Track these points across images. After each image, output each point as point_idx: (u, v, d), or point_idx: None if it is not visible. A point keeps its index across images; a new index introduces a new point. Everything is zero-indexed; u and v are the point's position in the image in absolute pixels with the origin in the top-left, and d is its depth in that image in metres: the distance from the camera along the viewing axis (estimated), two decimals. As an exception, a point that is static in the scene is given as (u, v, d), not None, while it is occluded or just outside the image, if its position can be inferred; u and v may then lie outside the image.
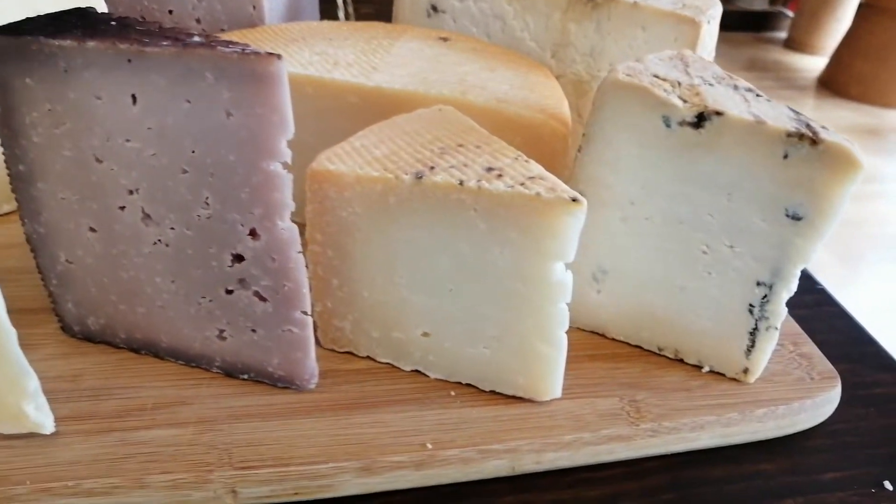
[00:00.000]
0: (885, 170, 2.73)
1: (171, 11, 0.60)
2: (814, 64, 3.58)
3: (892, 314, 1.95)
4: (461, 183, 0.38)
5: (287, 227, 0.38)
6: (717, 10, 0.56)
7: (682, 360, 0.48)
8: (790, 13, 3.84)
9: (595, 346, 0.50)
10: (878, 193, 2.58)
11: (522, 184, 0.38)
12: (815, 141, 0.38)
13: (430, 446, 0.41)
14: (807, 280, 0.63)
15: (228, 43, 0.34)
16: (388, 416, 0.43)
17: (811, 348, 0.51)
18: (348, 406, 0.43)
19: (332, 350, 0.47)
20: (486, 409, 0.44)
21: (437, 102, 0.49)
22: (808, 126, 0.39)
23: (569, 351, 0.48)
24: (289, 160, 0.36)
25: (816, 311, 0.60)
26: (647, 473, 0.44)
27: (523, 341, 0.42)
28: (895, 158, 2.79)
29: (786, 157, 0.39)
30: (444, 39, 0.59)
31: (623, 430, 0.43)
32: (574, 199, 0.37)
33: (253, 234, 0.38)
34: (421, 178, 0.39)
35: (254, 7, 0.61)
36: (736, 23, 3.89)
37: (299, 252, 0.39)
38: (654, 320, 0.48)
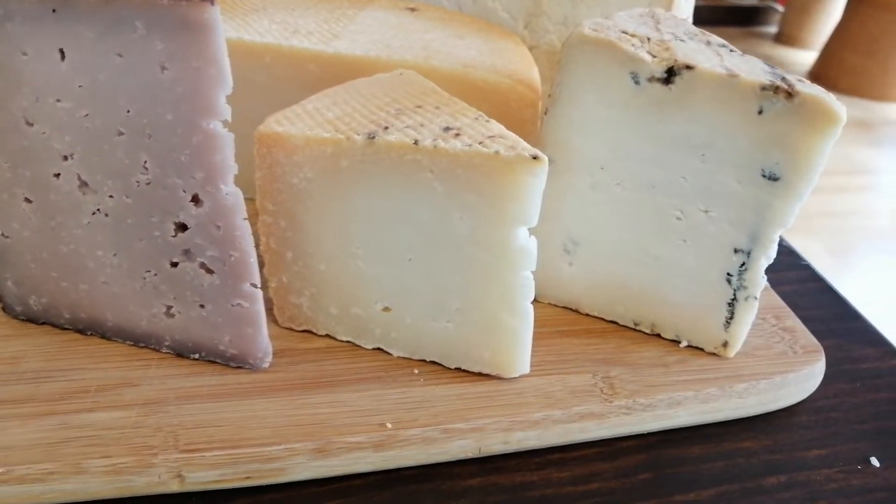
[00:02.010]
0: (876, 162, 2.72)
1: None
2: (804, 58, 3.57)
3: (882, 306, 1.93)
4: (416, 142, 0.36)
5: (231, 192, 0.35)
6: (693, -26, 0.54)
7: (658, 335, 0.46)
8: (780, 7, 3.83)
9: (568, 321, 0.47)
10: (869, 185, 2.57)
11: (481, 143, 0.36)
12: (790, 94, 0.36)
13: (389, 426, 0.38)
14: (791, 256, 0.61)
15: (159, -10, 0.31)
16: (347, 395, 0.40)
17: (794, 322, 0.48)
18: (305, 385, 0.41)
19: (290, 329, 0.44)
20: (451, 386, 0.42)
21: (400, 68, 0.46)
22: (783, 79, 0.37)
23: (541, 327, 0.46)
24: (228, 118, 0.34)
25: (801, 286, 0.58)
26: (622, 453, 0.42)
27: (487, 313, 0.40)
28: (885, 151, 2.78)
29: (760, 112, 0.37)
30: (412, 10, 0.57)
31: (595, 408, 0.41)
32: (535, 157, 0.34)
33: (196, 200, 0.36)
34: (374, 138, 0.36)
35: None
36: (726, 18, 3.88)
37: (245, 219, 0.36)
38: (628, 293, 0.45)
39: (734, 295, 0.43)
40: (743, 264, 0.41)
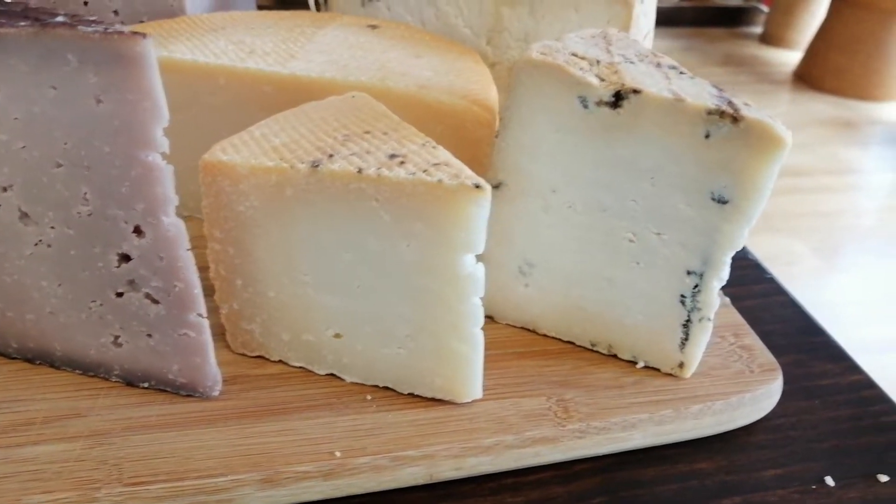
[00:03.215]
0: (861, 162, 2.73)
1: (86, 3, 0.57)
2: (789, 58, 3.58)
3: (867, 306, 1.95)
4: (360, 171, 0.36)
5: (173, 223, 0.35)
6: (652, -10, 0.54)
7: (615, 356, 0.46)
8: (765, 8, 3.85)
9: (525, 342, 0.47)
10: (854, 185, 2.58)
11: (425, 170, 0.35)
12: (736, 118, 0.36)
13: (338, 454, 0.38)
14: (756, 269, 0.62)
15: (92, 22, 0.31)
16: (297, 423, 0.40)
17: (753, 340, 0.48)
18: (255, 414, 0.40)
19: (243, 354, 0.44)
20: (404, 413, 0.41)
21: (355, 89, 0.46)
22: (729, 103, 0.36)
23: (497, 348, 0.46)
24: (167, 150, 0.33)
25: (765, 300, 0.58)
26: (577, 476, 0.42)
27: (438, 340, 0.39)
28: (870, 150, 2.80)
29: (707, 136, 0.37)
30: (373, 27, 0.57)
31: (548, 432, 0.41)
32: (477, 186, 0.34)
33: (137, 231, 0.35)
34: (317, 166, 0.36)
35: (173, -3, 0.58)
36: (711, 18, 3.90)
37: (188, 250, 0.36)
38: (584, 315, 0.45)
39: (688, 316, 0.42)
40: (696, 286, 0.41)
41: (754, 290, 0.59)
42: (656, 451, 0.44)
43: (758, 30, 3.89)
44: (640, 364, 0.45)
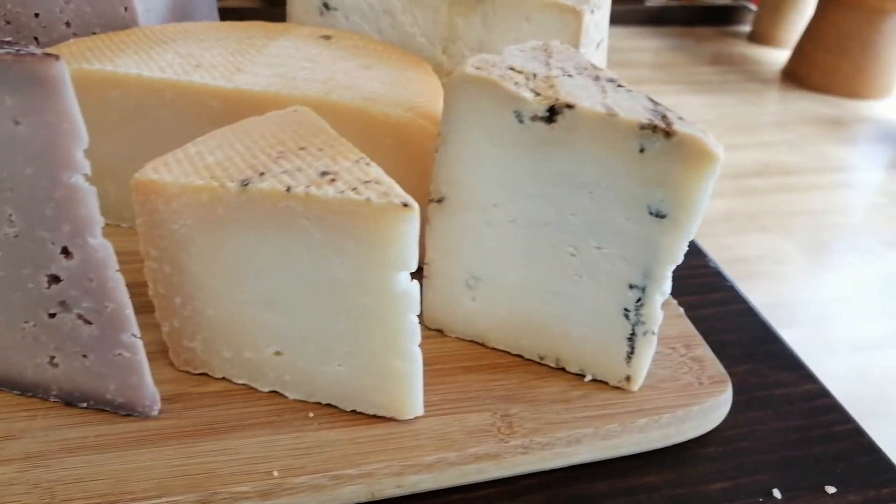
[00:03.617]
0: (849, 160, 2.74)
1: (37, 15, 0.57)
2: (777, 57, 3.59)
3: (856, 304, 1.95)
4: (288, 189, 0.35)
5: (101, 245, 0.35)
6: None
7: (564, 369, 0.46)
8: (753, 7, 3.85)
9: (474, 356, 0.47)
10: (842, 183, 2.59)
11: (355, 188, 0.35)
12: (668, 133, 0.35)
13: (276, 474, 0.38)
14: (716, 277, 0.61)
15: (4, 43, 0.31)
16: (237, 442, 0.40)
17: (704, 351, 0.48)
18: (194, 433, 0.40)
19: (187, 372, 0.44)
20: (346, 430, 0.41)
21: (300, 103, 0.46)
22: (663, 117, 0.36)
23: (445, 363, 0.46)
24: (88, 172, 0.33)
25: (724, 308, 0.58)
26: (523, 492, 0.42)
27: (376, 357, 0.39)
28: (857, 148, 2.80)
29: (642, 150, 0.36)
30: (327, 38, 0.56)
31: (491, 448, 0.40)
32: (405, 204, 0.34)
33: (66, 252, 0.35)
34: (247, 185, 0.36)
35: (125, 9, 0.57)
36: (700, 17, 3.90)
37: (117, 271, 0.36)
38: (532, 328, 0.45)
39: (633, 330, 0.42)
40: (639, 300, 0.41)
41: (713, 298, 0.58)
42: (606, 464, 0.43)
43: (746, 28, 3.89)
44: (588, 377, 0.45)
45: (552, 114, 0.37)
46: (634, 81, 3.31)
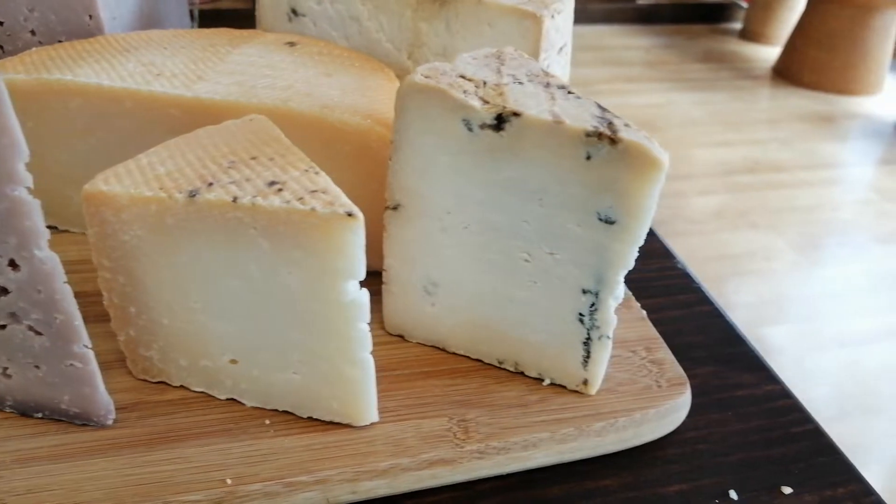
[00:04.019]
0: (839, 156, 2.74)
1: (1, 23, 0.57)
2: (768, 53, 3.59)
3: (846, 299, 1.96)
4: (235, 200, 0.35)
5: (47, 257, 0.35)
6: (565, 4, 0.54)
7: (523, 374, 0.46)
8: (744, 4, 3.85)
9: (434, 361, 0.47)
10: (832, 179, 2.59)
11: (301, 198, 0.35)
12: (613, 140, 0.36)
13: (229, 482, 0.38)
14: (684, 279, 0.62)
15: (-56, 59, 0.31)
16: (192, 450, 0.40)
17: (664, 354, 0.48)
18: (149, 442, 0.40)
19: (145, 380, 0.44)
20: (301, 437, 0.41)
21: (258, 111, 0.46)
22: (609, 124, 0.36)
23: (405, 368, 0.46)
24: (31, 185, 0.33)
25: (689, 310, 0.58)
26: (479, 497, 0.42)
27: (329, 365, 0.39)
28: (847, 144, 2.81)
29: (588, 158, 0.37)
30: (291, 45, 0.56)
31: (446, 454, 0.41)
32: (350, 214, 0.34)
33: (12, 265, 0.35)
34: (194, 196, 0.36)
35: (90, 17, 0.57)
36: (691, 15, 3.90)
37: (65, 282, 0.36)
38: (490, 333, 0.45)
39: (588, 334, 0.42)
40: (593, 304, 0.41)
41: (679, 300, 0.59)
42: (563, 468, 0.44)
43: (737, 26, 3.90)
44: (546, 382, 0.45)
45: (500, 122, 0.37)
46: (625, 80, 3.32)
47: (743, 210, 2.39)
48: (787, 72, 3.26)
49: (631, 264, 0.39)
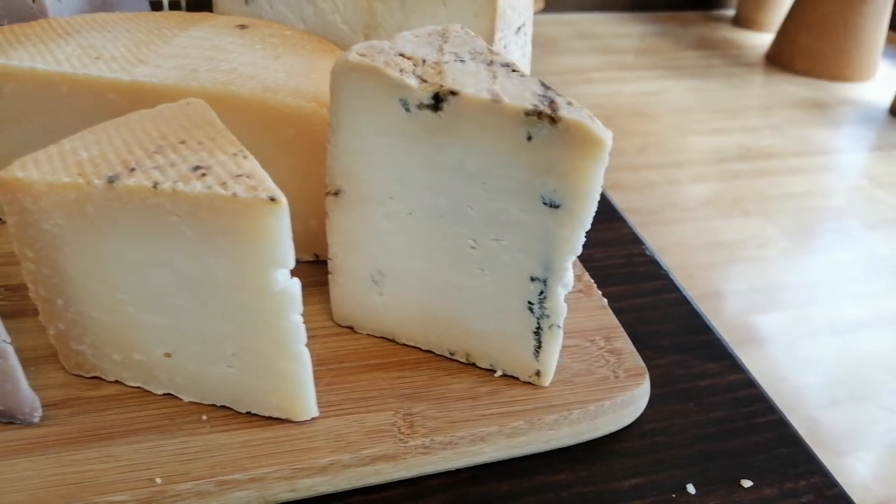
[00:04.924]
0: (830, 143, 2.72)
1: (-58, 8, 0.55)
2: (761, 40, 3.57)
3: (836, 286, 1.94)
4: (155, 185, 0.34)
5: (-42, 247, 0.33)
6: (522, -18, 0.52)
7: (475, 365, 0.44)
8: (737, -11, 3.83)
9: (383, 353, 0.45)
10: (824, 166, 2.57)
11: (223, 183, 0.33)
12: (553, 119, 0.34)
13: (159, 481, 0.36)
14: (651, 266, 0.60)
15: None
16: (122, 448, 0.38)
17: (624, 343, 0.47)
18: (78, 440, 0.38)
19: (79, 376, 0.42)
20: (239, 433, 0.39)
21: (198, 95, 0.44)
22: (550, 103, 0.35)
23: (353, 360, 0.45)
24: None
25: (656, 298, 0.56)
26: (426, 493, 0.40)
27: (263, 358, 0.38)
28: (839, 131, 2.79)
29: (529, 138, 0.35)
30: (242, 27, 0.54)
31: (389, 449, 0.39)
32: (273, 199, 0.32)
33: (-77, 255, 0.33)
34: (113, 182, 0.34)
35: (33, 0, 0.55)
36: (684, 2, 3.87)
37: (-21, 274, 0.34)
38: (440, 323, 0.43)
39: (538, 324, 0.41)
40: (542, 293, 0.40)
41: (646, 287, 0.57)
42: (516, 462, 0.42)
43: (730, 13, 3.87)
44: (499, 373, 0.44)
45: (437, 101, 0.36)
46: (618, 67, 3.30)
47: (735, 197, 2.38)
48: (779, 58, 3.24)
49: (578, 250, 0.38)
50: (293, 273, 0.35)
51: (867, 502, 1.34)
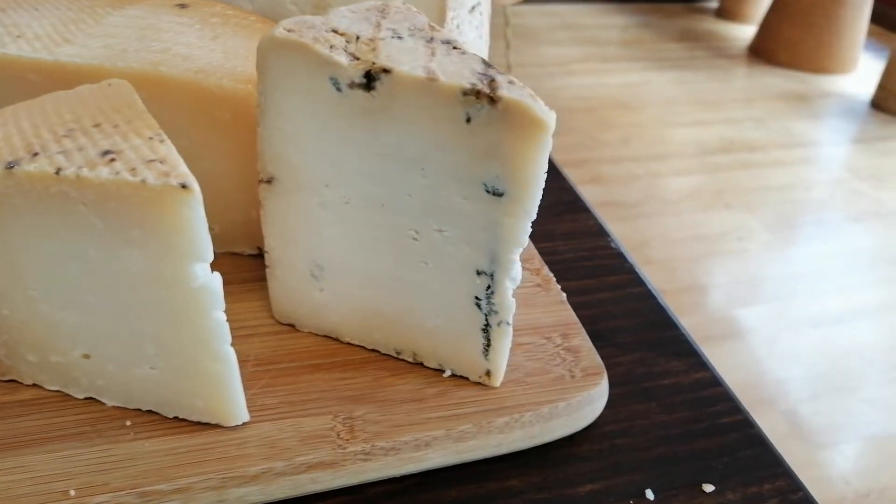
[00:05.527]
0: (812, 135, 2.72)
1: None
2: (744, 32, 3.56)
3: (817, 279, 1.94)
4: (58, 171, 0.31)
5: None
6: (476, -42, 0.49)
7: (422, 364, 0.42)
8: (721, -18, 3.81)
9: (326, 352, 0.43)
10: (805, 159, 2.57)
11: (133, 169, 0.30)
12: (493, 99, 0.31)
13: (73, 493, 0.33)
14: (616, 259, 0.57)
15: None
16: (36, 458, 0.35)
17: (582, 340, 0.44)
18: (-12, 449, 0.35)
19: (-6, 379, 0.39)
20: (165, 440, 0.37)
21: (125, 77, 0.41)
22: (490, 81, 0.32)
23: (292, 361, 0.42)
24: None
25: (620, 292, 0.54)
26: (369, 501, 0.38)
27: (187, 359, 0.35)
28: (821, 123, 2.78)
29: (469, 120, 0.32)
30: (182, 6, 0.51)
31: (326, 456, 0.36)
32: (184, 186, 0.30)
33: None
34: (12, 168, 0.31)
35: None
36: (667, -7, 3.85)
37: None
38: (384, 320, 0.41)
39: (486, 320, 0.38)
40: (489, 287, 0.37)
41: (609, 281, 0.55)
42: (467, 467, 0.40)
43: (713, 5, 3.86)
44: (448, 373, 0.41)
45: (370, 80, 0.33)
46: (601, 59, 3.28)
47: (717, 190, 2.37)
48: (762, 50, 3.23)
49: (524, 242, 0.35)
50: (234, 265, 0.33)
51: (846, 495, 1.33)
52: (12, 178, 0.31)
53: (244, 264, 0.48)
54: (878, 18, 3.50)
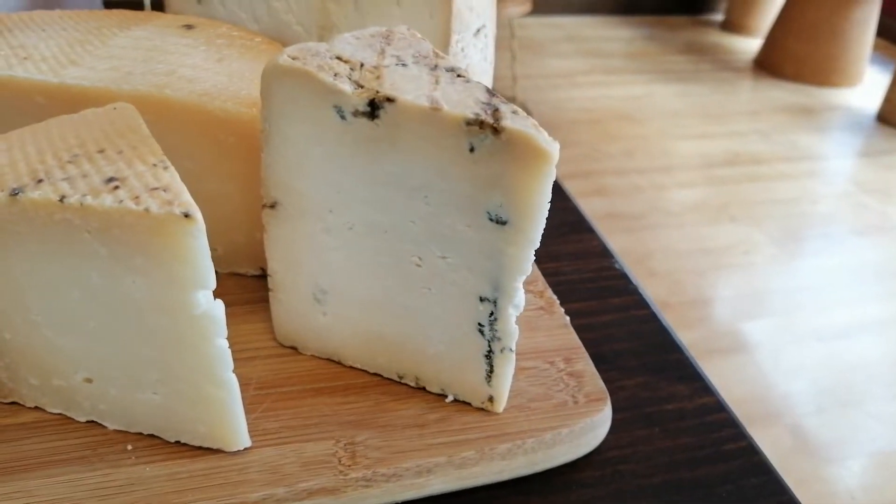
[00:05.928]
0: (819, 149, 2.71)
1: None
2: (750, 45, 3.56)
3: (825, 292, 1.93)
4: (62, 199, 0.31)
5: None
6: (481, -20, 0.50)
7: (424, 389, 0.42)
8: (726, -6, 3.82)
9: (328, 376, 0.42)
10: (811, 172, 2.56)
11: (136, 197, 0.31)
12: (496, 129, 0.31)
13: (72, 520, 0.33)
14: (620, 280, 0.57)
15: None
16: (37, 482, 0.35)
17: (585, 365, 0.44)
18: (-11, 473, 0.35)
19: (-3, 401, 0.39)
20: (166, 464, 0.37)
21: (130, 99, 0.41)
22: (494, 111, 0.32)
23: (294, 384, 0.42)
24: None
25: (623, 315, 0.54)
26: (368, 528, 0.37)
27: (189, 385, 0.35)
28: (827, 137, 2.78)
29: (472, 150, 0.32)
30: (189, 27, 0.52)
31: (328, 482, 0.36)
32: (187, 215, 0.30)
33: None
34: (17, 195, 0.31)
35: (-32, -2, 0.53)
36: (673, 6, 3.87)
37: None
38: (387, 344, 0.41)
39: (489, 347, 0.38)
40: (492, 314, 0.37)
41: (613, 303, 0.54)
42: (468, 493, 0.39)
43: (719, 17, 3.86)
44: (450, 398, 0.41)
45: (374, 108, 0.33)
46: (605, 71, 3.28)
47: (722, 203, 2.36)
48: (768, 63, 3.23)
49: (528, 270, 0.35)
50: (237, 286, 0.33)
51: (852, 512, 1.32)
52: (17, 205, 0.31)
53: (247, 285, 0.48)
54: (884, 32, 3.50)
